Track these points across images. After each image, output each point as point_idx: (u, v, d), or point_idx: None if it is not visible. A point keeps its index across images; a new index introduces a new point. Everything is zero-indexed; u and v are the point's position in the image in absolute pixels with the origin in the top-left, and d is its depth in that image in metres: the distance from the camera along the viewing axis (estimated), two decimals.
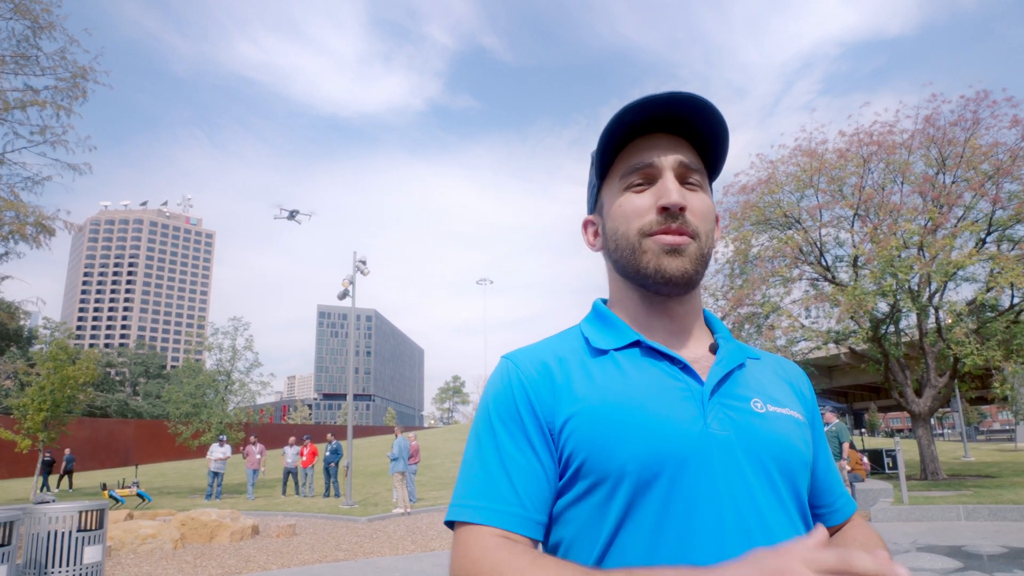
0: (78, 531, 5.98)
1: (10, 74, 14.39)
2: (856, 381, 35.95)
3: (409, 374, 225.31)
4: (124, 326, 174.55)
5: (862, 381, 35.47)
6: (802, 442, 0.92)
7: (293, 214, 30.15)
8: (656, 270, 0.91)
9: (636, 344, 0.94)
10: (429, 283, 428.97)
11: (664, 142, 0.94)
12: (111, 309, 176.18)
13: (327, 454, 18.64)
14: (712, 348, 0.97)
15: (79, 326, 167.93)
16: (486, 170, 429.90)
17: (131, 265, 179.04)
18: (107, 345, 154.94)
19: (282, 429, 57.89)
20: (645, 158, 0.94)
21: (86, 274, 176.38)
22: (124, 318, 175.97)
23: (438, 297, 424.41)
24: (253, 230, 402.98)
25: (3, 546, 5.17)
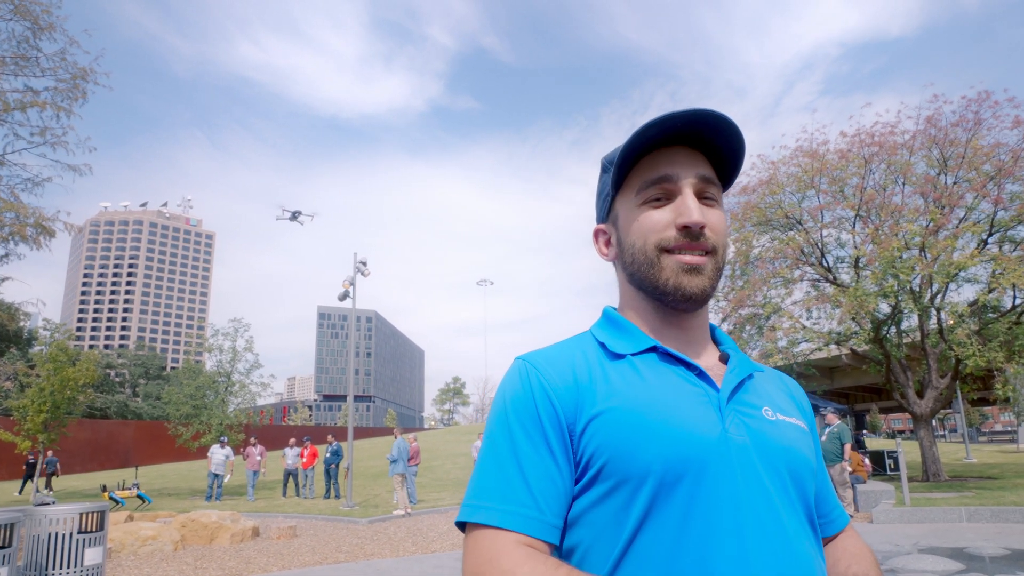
0: (79, 533, 5.97)
1: (10, 75, 14.39)
2: (857, 382, 35.94)
3: (409, 375, 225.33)
4: (124, 327, 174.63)
5: (863, 382, 35.47)
6: (809, 451, 0.94)
7: (296, 215, 30.05)
8: (676, 288, 0.93)
9: (653, 350, 0.94)
10: (429, 284, 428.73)
11: (683, 156, 0.95)
12: (111, 310, 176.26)
13: (327, 455, 18.62)
14: (723, 358, 1.00)
15: (79, 327, 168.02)
16: (486, 171, 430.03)
17: (131, 266, 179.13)
18: (107, 346, 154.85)
19: (282, 431, 57.86)
20: (664, 172, 0.94)
21: (86, 275, 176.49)
22: (124, 319, 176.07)
23: (438, 298, 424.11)
24: (253, 231, 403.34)
25: (4, 548, 5.15)
